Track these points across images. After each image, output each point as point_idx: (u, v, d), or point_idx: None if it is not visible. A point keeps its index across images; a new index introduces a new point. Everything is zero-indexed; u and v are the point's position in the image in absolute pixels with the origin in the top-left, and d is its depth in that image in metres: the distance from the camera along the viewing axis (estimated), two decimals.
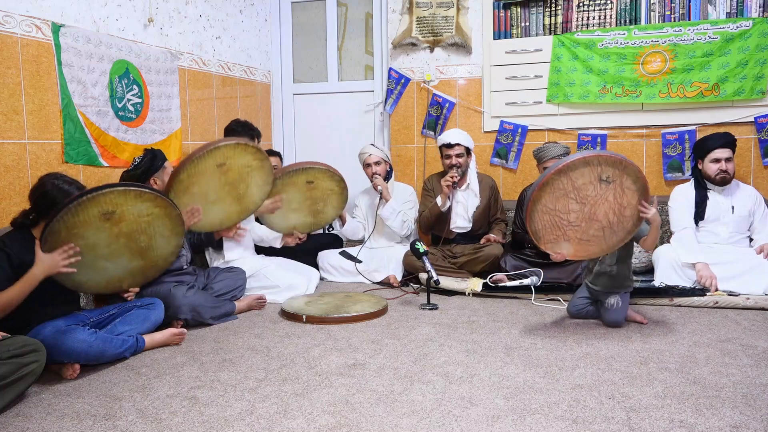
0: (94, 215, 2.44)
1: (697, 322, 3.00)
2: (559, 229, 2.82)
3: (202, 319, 3.10)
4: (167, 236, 2.77)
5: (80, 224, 2.42)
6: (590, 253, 2.87)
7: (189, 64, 4.04)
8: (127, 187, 2.53)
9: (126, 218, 2.56)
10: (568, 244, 2.85)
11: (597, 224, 2.79)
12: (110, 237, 2.55)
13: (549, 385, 2.26)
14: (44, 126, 3.00)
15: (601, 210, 2.77)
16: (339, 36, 5.13)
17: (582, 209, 2.77)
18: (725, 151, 3.58)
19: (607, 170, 2.70)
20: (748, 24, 3.95)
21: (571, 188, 2.74)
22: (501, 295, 3.60)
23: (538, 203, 2.75)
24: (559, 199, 2.75)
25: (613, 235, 2.82)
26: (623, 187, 2.73)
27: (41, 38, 2.97)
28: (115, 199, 2.49)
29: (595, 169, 2.69)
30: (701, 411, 2.01)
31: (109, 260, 2.63)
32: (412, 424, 1.96)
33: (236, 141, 3.10)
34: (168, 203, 2.69)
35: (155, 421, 2.02)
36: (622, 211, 2.77)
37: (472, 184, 4.06)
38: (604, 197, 2.75)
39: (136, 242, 2.66)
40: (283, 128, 5.20)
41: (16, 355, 2.15)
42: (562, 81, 4.34)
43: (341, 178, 3.70)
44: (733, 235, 3.61)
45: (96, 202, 2.41)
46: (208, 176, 3.05)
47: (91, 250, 2.53)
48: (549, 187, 2.72)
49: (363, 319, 3.17)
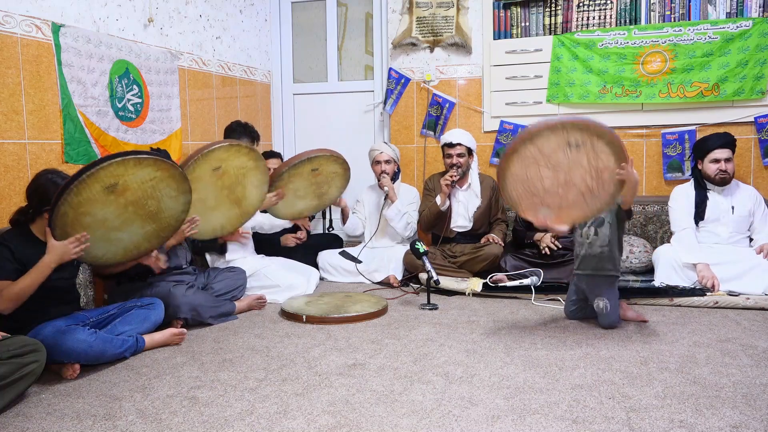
0: (98, 191, 2.42)
1: (697, 322, 3.00)
2: (535, 196, 2.75)
3: (202, 319, 3.10)
4: (175, 196, 2.76)
5: (86, 202, 2.41)
6: (574, 217, 2.81)
7: (189, 64, 4.04)
8: (125, 156, 2.49)
9: (130, 187, 2.54)
10: (547, 209, 2.77)
11: (575, 189, 2.71)
12: (118, 208, 2.54)
13: (549, 385, 2.26)
14: (44, 126, 3.00)
15: (577, 175, 2.67)
16: (339, 36, 5.13)
17: (556, 175, 2.68)
18: (725, 152, 3.58)
19: (574, 135, 2.59)
20: (748, 24, 3.95)
21: (540, 155, 2.65)
22: (501, 295, 3.60)
23: (508, 172, 2.69)
24: (529, 167, 2.67)
25: (595, 200, 2.74)
26: (596, 150, 2.62)
27: (41, 38, 2.97)
28: (115, 170, 2.45)
29: (560, 134, 2.58)
30: (701, 411, 2.01)
31: (121, 230, 2.62)
32: (412, 424, 1.96)
33: (229, 142, 3.09)
34: (169, 164, 2.66)
35: (155, 421, 2.02)
36: (600, 175, 2.67)
37: (474, 184, 4.06)
38: (578, 162, 2.65)
39: (144, 208, 2.65)
40: (283, 128, 5.20)
41: (16, 355, 2.15)
42: (562, 81, 4.34)
43: (344, 159, 3.74)
44: (733, 235, 3.61)
45: (97, 178, 2.39)
46: (205, 182, 3.04)
47: (102, 225, 2.52)
48: (516, 156, 2.65)
49: (363, 319, 3.17)
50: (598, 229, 2.94)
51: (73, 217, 2.40)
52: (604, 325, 2.95)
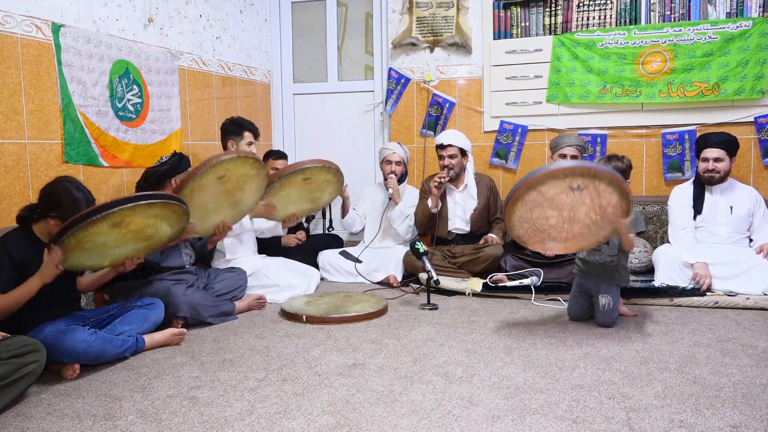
0: (105, 227, 2.47)
1: (697, 322, 3.00)
2: (542, 233, 2.81)
3: (201, 318, 3.10)
4: (173, 225, 2.81)
5: (91, 235, 2.46)
6: (581, 246, 2.88)
7: (189, 64, 4.04)
8: (137, 202, 2.52)
9: (134, 222, 2.59)
10: (555, 242, 2.84)
11: (580, 223, 2.75)
12: (119, 236, 2.59)
13: (549, 385, 2.26)
14: (44, 126, 3.00)
15: (582, 211, 2.72)
16: (339, 36, 5.13)
17: (560, 214, 2.73)
18: (714, 151, 3.59)
19: (576, 180, 2.63)
20: (748, 24, 3.95)
21: (543, 200, 2.69)
22: (501, 295, 3.60)
23: (513, 215, 2.73)
24: (533, 209, 2.71)
25: (600, 230, 2.79)
26: (598, 191, 2.67)
27: (41, 38, 2.97)
28: (126, 213, 2.50)
29: (563, 180, 2.62)
30: (701, 411, 2.01)
31: (115, 248, 2.67)
32: (412, 424, 1.96)
33: (238, 154, 3.11)
34: (176, 205, 2.70)
35: (155, 421, 2.02)
36: (604, 210, 2.72)
37: (470, 185, 4.05)
38: (581, 201, 2.70)
39: (143, 233, 2.70)
40: (283, 128, 5.20)
41: (16, 355, 2.15)
42: (562, 81, 4.34)
43: (337, 168, 3.68)
44: (733, 235, 3.61)
45: (106, 218, 2.44)
46: (209, 189, 3.07)
47: (100, 247, 2.56)
48: (520, 202, 2.68)
49: (363, 319, 3.17)
50: (609, 240, 2.95)
51: (75, 245, 2.45)
52: (600, 322, 2.97)
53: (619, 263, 2.96)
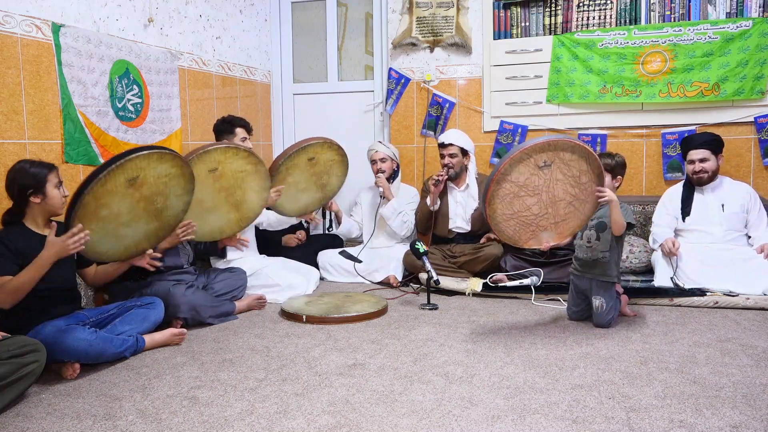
0: (121, 182, 2.48)
1: (697, 322, 3.00)
2: (530, 226, 2.81)
3: (201, 319, 3.10)
4: (180, 194, 2.83)
5: (107, 193, 2.46)
6: (572, 227, 2.87)
7: (189, 64, 4.04)
8: (150, 150, 2.60)
9: (147, 181, 2.61)
10: (546, 232, 2.85)
11: (563, 203, 2.77)
12: (132, 203, 2.59)
13: (549, 385, 2.26)
14: (44, 126, 3.00)
15: (559, 189, 2.74)
16: (339, 36, 5.13)
17: (539, 199, 2.75)
18: (698, 152, 3.63)
19: (540, 156, 2.66)
20: (748, 24, 3.95)
21: (517, 188, 2.71)
22: (501, 295, 3.60)
23: (495, 215, 2.75)
24: (512, 203, 2.74)
25: (584, 204, 2.81)
26: (565, 161, 2.69)
27: (41, 38, 2.97)
28: (140, 163, 2.54)
29: (527, 162, 2.65)
30: (701, 411, 2.01)
31: (128, 226, 2.67)
32: (412, 424, 1.96)
33: (226, 144, 3.10)
34: (183, 162, 2.75)
35: (155, 421, 2.02)
36: (579, 180, 2.74)
37: (471, 185, 4.06)
38: (553, 178, 2.72)
39: (153, 204, 2.71)
40: (283, 128, 5.20)
41: (16, 355, 2.15)
42: (562, 81, 4.34)
43: (339, 146, 3.73)
44: (729, 232, 3.60)
45: (123, 169, 2.46)
46: (201, 182, 3.06)
47: (115, 219, 2.56)
48: (496, 198, 2.71)
49: (363, 319, 3.17)
50: (600, 234, 2.95)
51: (94, 208, 2.44)
52: (595, 323, 2.98)
53: (611, 260, 2.95)
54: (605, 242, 2.94)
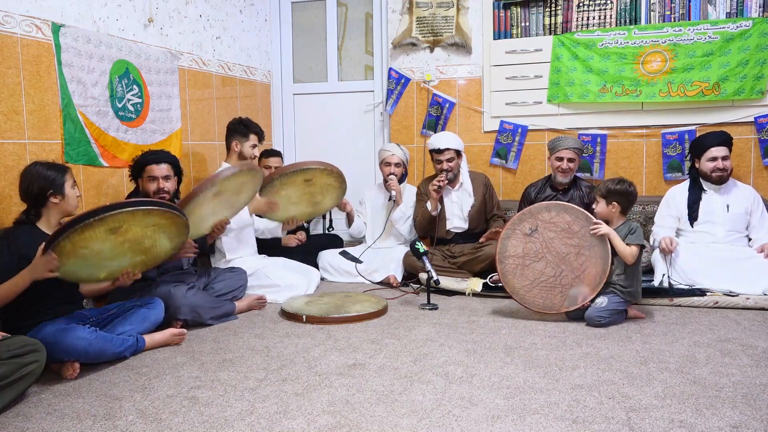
0: (101, 232, 2.41)
1: (697, 322, 3.00)
2: (554, 288, 2.96)
3: (202, 320, 3.10)
4: (171, 238, 2.76)
5: (86, 239, 2.39)
6: (596, 273, 2.94)
7: (189, 64, 4.04)
8: (135, 207, 2.47)
9: (132, 230, 2.53)
10: (574, 288, 2.95)
11: (570, 256, 2.91)
12: (116, 245, 2.53)
13: (549, 385, 2.26)
14: (44, 126, 3.00)
15: (558, 244, 2.92)
16: (339, 36, 5.13)
17: (547, 261, 2.93)
18: (722, 150, 3.59)
19: (524, 225, 2.90)
20: (748, 24, 3.95)
21: (521, 259, 2.93)
22: (501, 295, 3.60)
23: (517, 291, 2.99)
24: (524, 273, 2.92)
25: (592, 248, 2.91)
26: (547, 221, 2.92)
27: (41, 38, 2.97)
28: (124, 218, 2.44)
29: (517, 235, 2.90)
30: (701, 411, 2.01)
31: (112, 260, 2.62)
32: (412, 424, 1.96)
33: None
34: (175, 214, 2.65)
35: (155, 421, 2.02)
36: (572, 230, 2.91)
37: (465, 183, 4.05)
38: (548, 238, 2.91)
39: (140, 244, 2.64)
40: (283, 128, 5.20)
41: (16, 355, 2.15)
42: (562, 81, 4.34)
43: (339, 173, 3.65)
44: (731, 233, 3.60)
45: (103, 222, 2.38)
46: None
47: (96, 255, 2.51)
48: (507, 276, 3.00)
49: (363, 319, 3.17)
50: (614, 258, 2.98)
51: (71, 249, 2.39)
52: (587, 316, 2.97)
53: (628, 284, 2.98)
54: (620, 265, 3.00)
